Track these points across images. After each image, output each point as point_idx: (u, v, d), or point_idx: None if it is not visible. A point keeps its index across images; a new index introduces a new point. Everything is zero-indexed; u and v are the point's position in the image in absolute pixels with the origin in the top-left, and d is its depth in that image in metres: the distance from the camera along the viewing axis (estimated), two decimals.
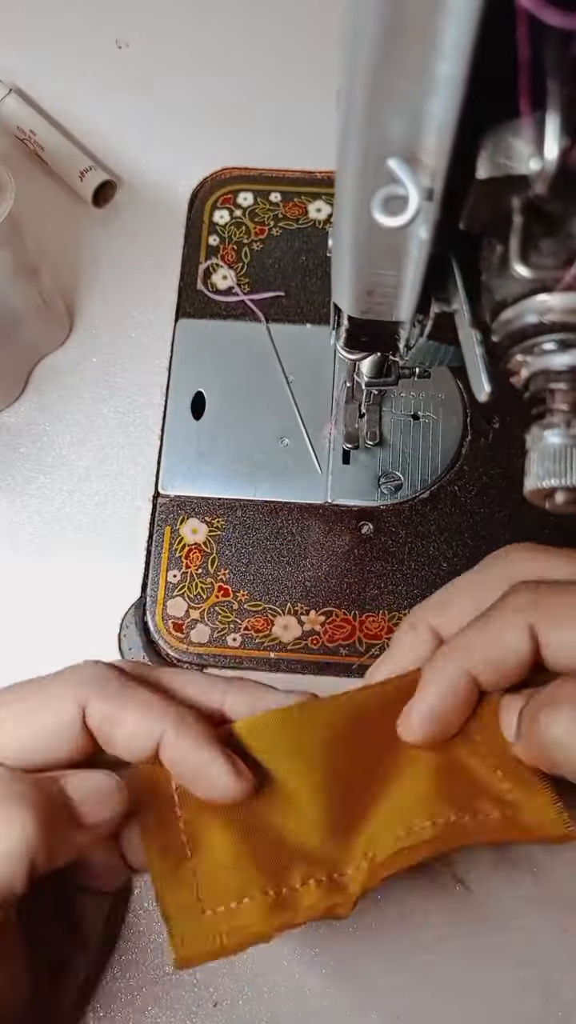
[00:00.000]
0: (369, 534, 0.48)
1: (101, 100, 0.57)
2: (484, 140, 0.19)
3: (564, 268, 0.21)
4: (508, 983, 0.41)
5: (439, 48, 0.17)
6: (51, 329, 0.51)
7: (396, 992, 0.41)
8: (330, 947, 0.41)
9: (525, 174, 0.19)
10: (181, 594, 0.47)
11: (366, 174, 0.21)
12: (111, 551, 0.48)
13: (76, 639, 0.47)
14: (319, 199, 0.54)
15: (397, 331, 0.31)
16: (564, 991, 0.41)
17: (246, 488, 0.48)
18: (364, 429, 0.48)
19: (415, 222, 0.20)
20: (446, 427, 0.50)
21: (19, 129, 0.55)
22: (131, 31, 0.59)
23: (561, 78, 0.17)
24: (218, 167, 0.55)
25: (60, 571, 0.48)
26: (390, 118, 0.19)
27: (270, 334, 0.51)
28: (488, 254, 0.23)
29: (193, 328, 0.52)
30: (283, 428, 0.50)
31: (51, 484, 0.50)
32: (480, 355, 0.24)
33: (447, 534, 0.48)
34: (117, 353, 0.52)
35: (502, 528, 0.48)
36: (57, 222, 0.54)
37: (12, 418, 0.51)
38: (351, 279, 0.27)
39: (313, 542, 0.48)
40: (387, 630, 0.46)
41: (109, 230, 0.55)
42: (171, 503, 0.48)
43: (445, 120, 0.19)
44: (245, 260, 0.53)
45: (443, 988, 0.41)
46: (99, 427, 0.50)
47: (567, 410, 0.24)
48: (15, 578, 0.48)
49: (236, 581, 0.47)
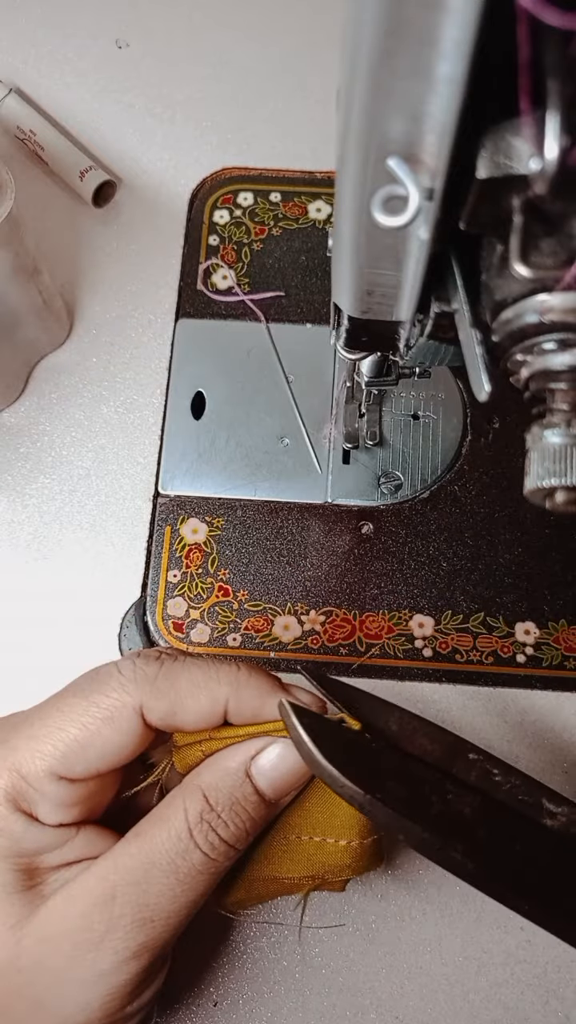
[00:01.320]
0: (369, 534, 0.48)
1: (101, 100, 0.57)
2: (484, 140, 0.19)
3: (564, 268, 0.21)
4: (508, 983, 0.41)
5: (439, 48, 0.17)
6: (51, 329, 0.51)
7: (396, 992, 0.41)
8: (330, 947, 0.41)
9: (525, 174, 0.19)
10: (181, 594, 0.47)
11: (366, 174, 0.21)
12: (111, 551, 0.48)
13: (76, 639, 0.47)
14: (319, 199, 0.54)
15: (397, 331, 0.31)
16: (564, 991, 0.41)
17: (246, 488, 0.48)
18: (364, 429, 0.48)
19: (415, 222, 0.20)
20: (446, 427, 0.50)
21: (19, 129, 0.55)
22: (131, 31, 0.59)
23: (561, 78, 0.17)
24: (218, 167, 0.55)
25: (60, 571, 0.48)
26: (390, 118, 0.19)
27: (270, 334, 0.51)
28: (488, 254, 0.23)
29: (193, 328, 0.52)
30: (283, 428, 0.50)
31: (51, 484, 0.50)
32: (480, 355, 0.24)
33: (447, 534, 0.48)
34: (117, 353, 0.52)
35: (502, 528, 0.48)
36: (57, 222, 0.54)
37: (12, 418, 0.51)
38: (351, 279, 0.27)
39: (313, 542, 0.48)
40: (387, 630, 0.46)
41: (109, 230, 0.55)
42: (171, 503, 0.48)
43: (445, 120, 0.19)
44: (245, 260, 0.53)
45: (443, 988, 0.41)
46: (99, 427, 0.50)
47: (567, 410, 0.24)
48: (15, 578, 0.48)
49: (236, 581, 0.47)
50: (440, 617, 0.46)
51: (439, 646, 0.46)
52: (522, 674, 0.45)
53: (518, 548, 0.48)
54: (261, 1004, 0.40)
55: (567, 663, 0.45)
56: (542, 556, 0.47)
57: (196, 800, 0.31)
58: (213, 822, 0.30)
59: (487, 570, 0.47)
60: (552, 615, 0.46)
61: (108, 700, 0.31)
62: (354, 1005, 0.40)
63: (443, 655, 0.46)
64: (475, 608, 0.46)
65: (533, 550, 0.47)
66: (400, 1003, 0.40)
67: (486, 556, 0.47)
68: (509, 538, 0.48)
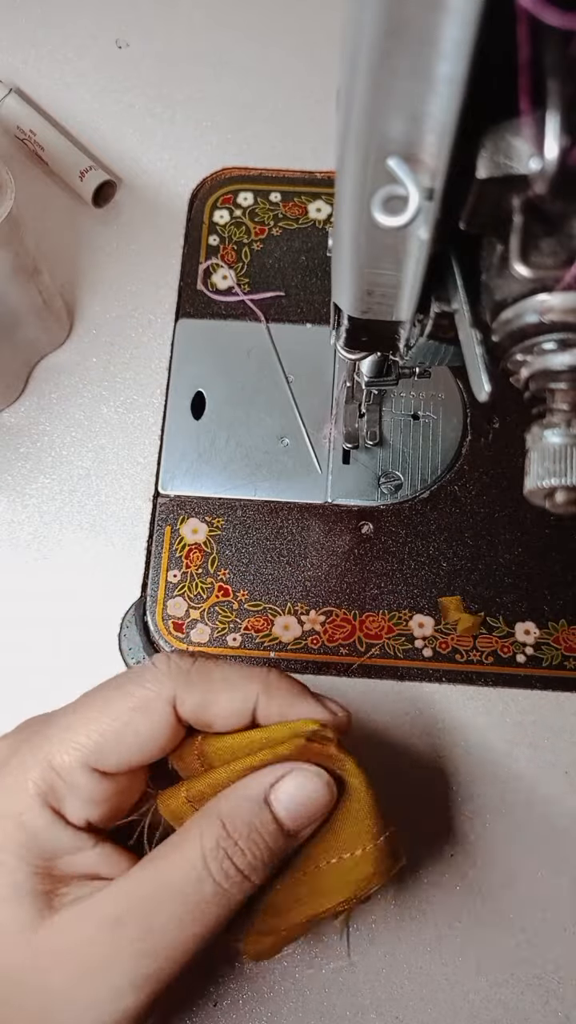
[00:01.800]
0: (369, 534, 0.48)
1: (101, 100, 0.57)
2: (484, 140, 0.19)
3: (564, 268, 0.21)
4: (508, 983, 0.41)
5: (439, 48, 0.17)
6: (51, 329, 0.51)
7: (396, 992, 0.41)
8: (330, 947, 0.41)
9: (525, 174, 0.19)
10: (181, 594, 0.47)
11: (366, 174, 0.21)
12: (111, 551, 0.48)
13: (76, 639, 0.47)
14: (319, 199, 0.54)
15: (397, 331, 0.31)
16: (564, 991, 0.41)
17: (246, 488, 0.48)
18: (364, 429, 0.48)
19: (415, 222, 0.20)
20: (446, 427, 0.50)
21: (19, 129, 0.55)
22: (131, 31, 0.59)
23: (561, 78, 0.17)
24: (218, 167, 0.55)
25: (60, 571, 0.48)
26: (390, 118, 0.19)
27: (270, 334, 0.51)
28: (488, 254, 0.23)
29: (193, 328, 0.52)
30: (283, 428, 0.50)
31: (51, 484, 0.50)
32: (480, 355, 0.24)
33: (447, 534, 0.48)
34: (117, 353, 0.52)
35: (502, 528, 0.48)
36: (57, 222, 0.54)
37: (12, 418, 0.51)
38: (351, 279, 0.27)
39: (313, 542, 0.48)
40: (387, 630, 0.46)
41: (109, 230, 0.55)
42: (171, 503, 0.48)
43: (445, 120, 0.19)
44: (245, 260, 0.53)
45: (443, 988, 0.41)
46: (99, 427, 0.50)
47: (567, 410, 0.24)
48: (15, 578, 0.48)
49: (236, 581, 0.47)
50: (440, 617, 0.46)
51: (439, 646, 0.46)
52: (522, 674, 0.45)
53: (518, 548, 0.48)
54: (261, 1004, 0.40)
55: (567, 663, 0.45)
56: (542, 556, 0.47)
57: (213, 826, 0.30)
58: (229, 849, 0.30)
59: (487, 570, 0.47)
60: (552, 615, 0.46)
61: (142, 691, 0.31)
62: (354, 1005, 0.40)
63: (443, 655, 0.46)
64: (475, 608, 0.46)
65: (533, 550, 0.47)
66: (400, 1003, 0.40)
67: (486, 556, 0.47)
68: (509, 538, 0.48)
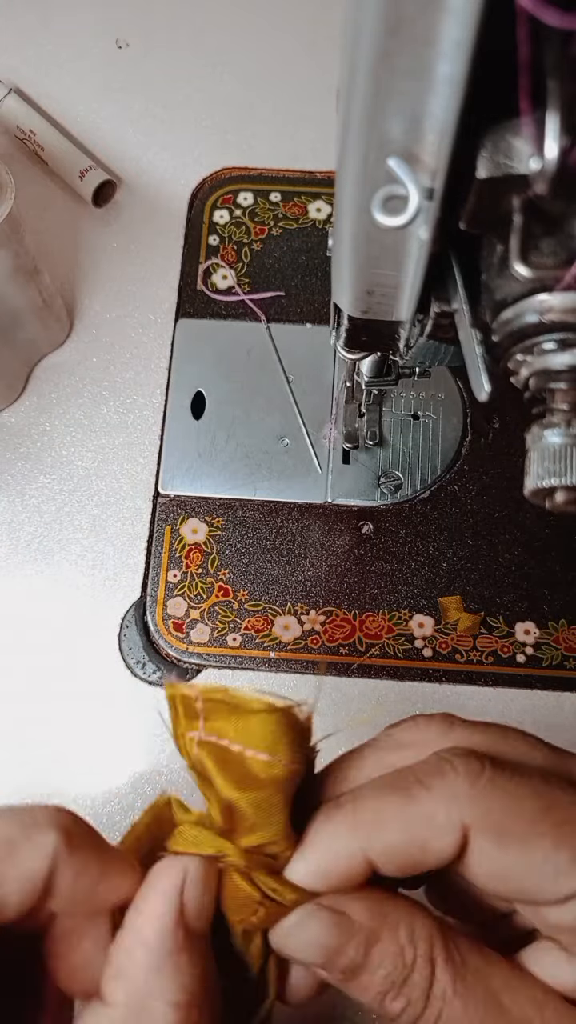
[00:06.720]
0: (369, 534, 0.48)
1: (101, 100, 0.57)
2: (484, 140, 0.19)
3: (564, 268, 0.21)
4: None
5: (439, 48, 0.17)
6: (51, 329, 0.51)
7: None
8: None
9: (525, 174, 0.19)
10: (181, 594, 0.47)
11: (366, 174, 0.21)
12: (111, 551, 0.48)
13: (76, 639, 0.47)
14: (319, 199, 0.54)
15: (397, 331, 0.31)
16: None
17: (246, 488, 0.48)
18: (364, 429, 0.48)
19: (415, 222, 0.20)
20: (446, 427, 0.50)
21: (19, 129, 0.55)
22: (131, 31, 0.59)
23: (561, 78, 0.17)
24: (218, 167, 0.55)
25: (60, 571, 0.48)
26: (390, 118, 0.19)
27: (270, 334, 0.51)
28: (488, 254, 0.23)
29: (193, 328, 0.52)
30: (283, 428, 0.50)
31: (51, 484, 0.50)
32: (480, 355, 0.24)
33: (447, 534, 0.48)
34: (117, 353, 0.52)
35: (502, 528, 0.48)
36: (57, 222, 0.54)
37: (12, 418, 0.51)
38: (351, 279, 0.27)
39: (313, 542, 0.48)
40: (387, 630, 0.46)
41: (109, 230, 0.55)
42: (171, 503, 0.48)
43: (445, 120, 0.19)
44: (245, 260, 0.53)
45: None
46: (99, 427, 0.50)
47: (567, 410, 0.24)
48: (15, 578, 0.48)
49: (236, 581, 0.47)
50: (440, 617, 0.46)
51: (439, 646, 0.46)
52: (522, 674, 0.45)
53: (518, 548, 0.48)
54: None
55: (567, 663, 0.45)
56: (542, 556, 0.47)
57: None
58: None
59: (487, 570, 0.47)
60: (552, 615, 0.46)
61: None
62: (354, 1005, 0.40)
63: (443, 655, 0.46)
64: (475, 608, 0.46)
65: (533, 550, 0.47)
66: None
67: (486, 556, 0.47)
68: (509, 538, 0.48)
